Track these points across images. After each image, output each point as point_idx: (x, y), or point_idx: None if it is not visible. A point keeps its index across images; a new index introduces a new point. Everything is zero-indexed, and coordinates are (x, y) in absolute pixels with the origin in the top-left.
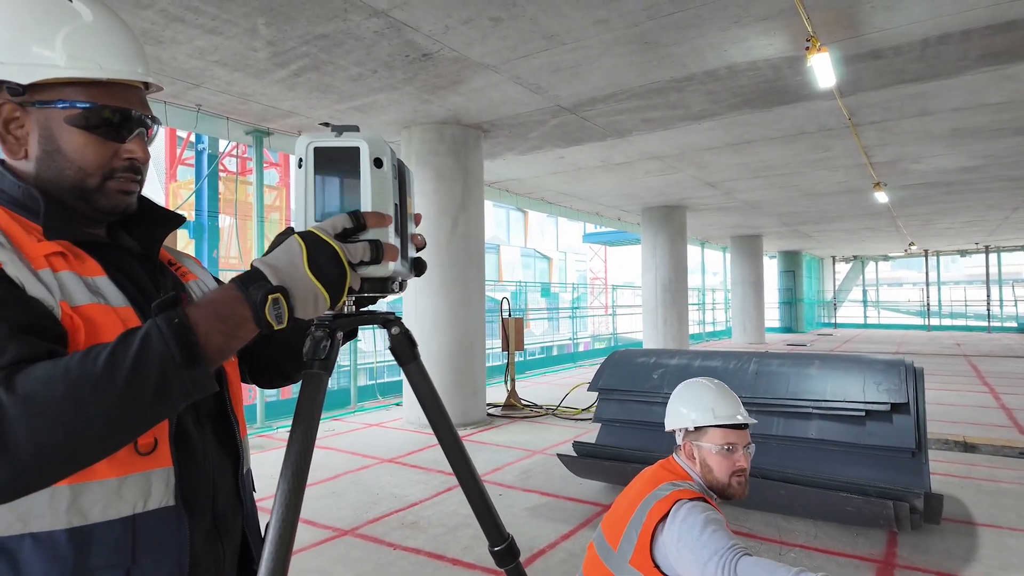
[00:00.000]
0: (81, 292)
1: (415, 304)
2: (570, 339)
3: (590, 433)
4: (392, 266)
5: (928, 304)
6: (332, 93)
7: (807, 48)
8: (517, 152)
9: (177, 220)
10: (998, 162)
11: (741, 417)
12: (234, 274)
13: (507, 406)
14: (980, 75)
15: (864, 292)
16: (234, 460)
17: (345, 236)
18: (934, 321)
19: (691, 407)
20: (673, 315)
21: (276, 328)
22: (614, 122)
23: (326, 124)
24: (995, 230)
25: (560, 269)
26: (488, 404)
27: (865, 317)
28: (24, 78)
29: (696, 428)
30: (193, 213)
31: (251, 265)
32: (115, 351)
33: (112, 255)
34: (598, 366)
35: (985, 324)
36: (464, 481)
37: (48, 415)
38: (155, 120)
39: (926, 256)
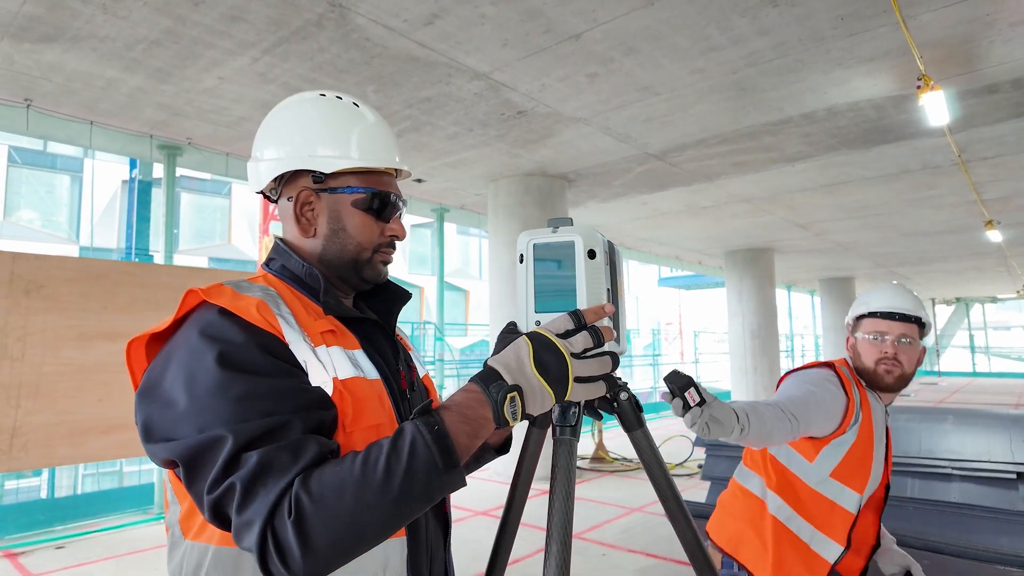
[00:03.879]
0: (346, 366)
1: None
2: (651, 388)
3: (688, 491)
4: (609, 345)
5: None
6: (427, 151)
7: (918, 87)
8: (599, 200)
9: (407, 295)
10: None
11: (893, 308)
12: None
13: (595, 459)
14: None
15: (971, 337)
16: (445, 532)
17: (567, 336)
18: None
19: (855, 304)
20: (764, 363)
21: (511, 424)
22: (703, 167)
23: (554, 221)
24: None
25: (633, 314)
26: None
27: (973, 364)
28: (327, 168)
29: (855, 320)
30: None
31: (485, 364)
32: (389, 459)
33: (364, 329)
34: None
35: None
36: (693, 556)
37: (341, 518)
38: (405, 202)
39: None
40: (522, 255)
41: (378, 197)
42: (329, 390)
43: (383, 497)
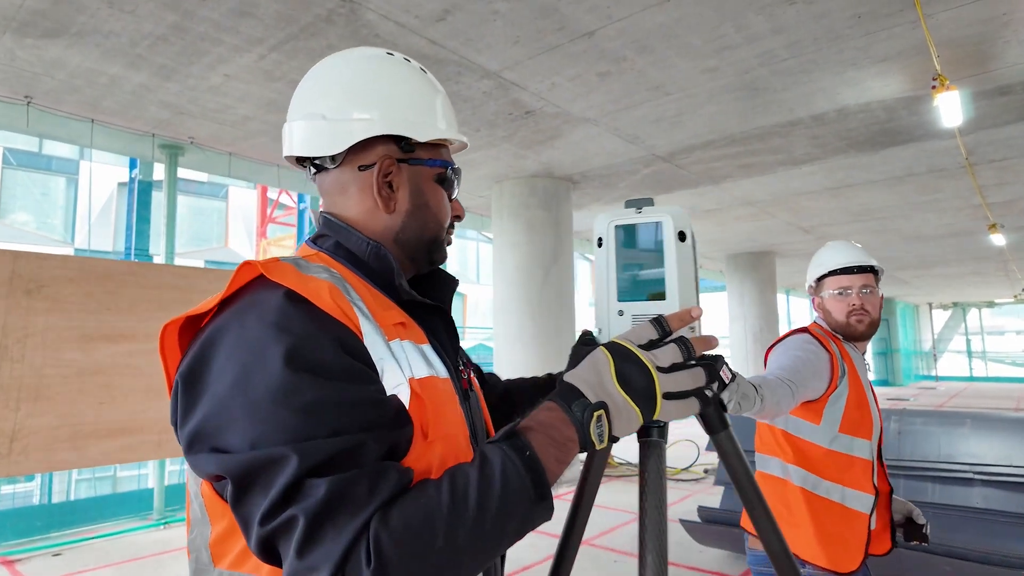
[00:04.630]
0: (420, 363)
1: (507, 355)
2: None
3: (696, 496)
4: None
5: None
6: None
7: (933, 87)
8: (603, 202)
9: (456, 281)
10: None
11: (851, 262)
12: None
13: None
14: None
15: (968, 342)
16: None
17: (651, 347)
18: None
19: (811, 267)
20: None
21: (598, 448)
22: (709, 169)
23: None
24: None
25: None
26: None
27: (970, 369)
28: (422, 136)
29: (816, 282)
30: None
31: (562, 380)
32: (481, 491)
33: (428, 321)
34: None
35: None
36: (777, 559)
37: (431, 562)
38: None
39: None
40: (601, 238)
41: (454, 171)
42: (406, 395)
43: (476, 536)
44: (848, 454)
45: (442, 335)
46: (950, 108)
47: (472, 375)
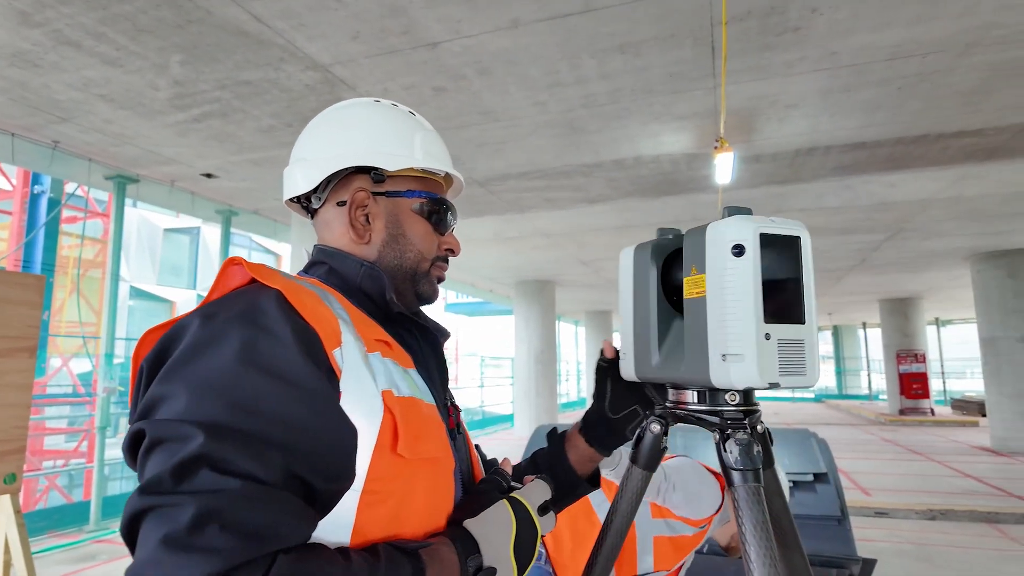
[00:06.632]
0: (404, 383)
1: None
2: None
3: None
4: None
5: None
6: (231, 143)
7: (716, 147)
8: None
9: (448, 333)
10: (819, 256)
11: None
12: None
13: None
14: (828, 183)
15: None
16: None
17: (543, 511)
18: None
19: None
20: (545, 387)
21: None
22: (519, 198)
23: (736, 209)
24: None
25: None
26: None
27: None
28: (392, 166)
29: None
30: (20, 267)
31: (465, 527)
32: None
33: (417, 350)
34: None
35: (789, 395)
36: None
37: None
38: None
39: None
40: (742, 246)
41: (439, 204)
42: (378, 408)
43: None
44: None
45: (431, 365)
46: (725, 167)
47: (460, 418)
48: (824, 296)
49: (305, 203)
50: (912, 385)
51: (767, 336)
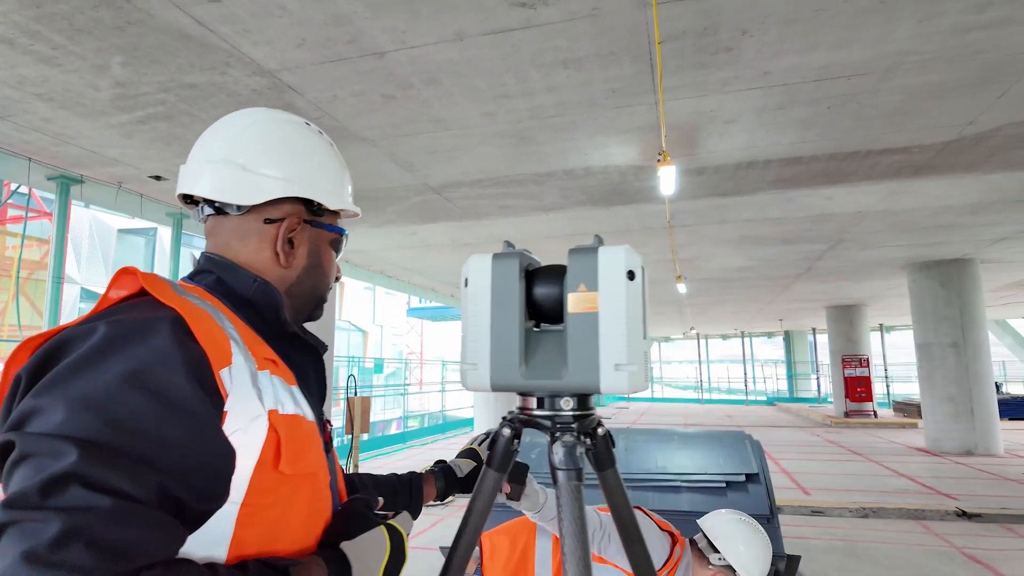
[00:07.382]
0: (288, 401)
1: None
2: (401, 417)
3: (447, 520)
4: None
5: (701, 380)
6: (177, 145)
7: (659, 160)
8: (370, 224)
9: (325, 347)
10: (766, 264)
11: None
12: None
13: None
14: (769, 195)
15: (650, 370)
16: None
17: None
18: (704, 395)
19: (729, 546)
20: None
21: None
22: (474, 205)
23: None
24: (751, 319)
25: (375, 343)
26: None
27: (652, 391)
28: (332, 204)
29: (725, 566)
30: None
31: (341, 548)
32: None
33: (300, 367)
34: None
35: (743, 398)
36: None
37: None
38: None
39: (698, 339)
40: (633, 272)
41: (344, 240)
42: (263, 427)
43: None
44: None
45: (312, 382)
46: (668, 179)
47: (331, 431)
48: (774, 302)
49: (215, 204)
50: (856, 389)
51: (645, 353)
